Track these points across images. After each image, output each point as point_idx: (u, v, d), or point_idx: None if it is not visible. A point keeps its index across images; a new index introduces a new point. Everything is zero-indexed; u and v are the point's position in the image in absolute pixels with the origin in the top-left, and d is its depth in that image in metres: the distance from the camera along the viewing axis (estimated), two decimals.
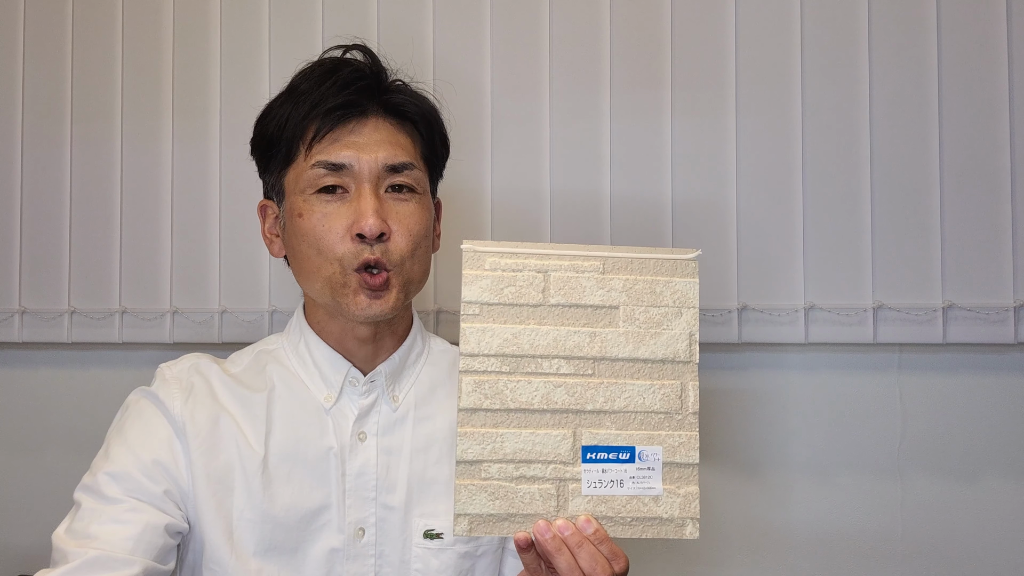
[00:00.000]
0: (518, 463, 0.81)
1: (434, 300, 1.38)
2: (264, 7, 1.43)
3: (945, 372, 1.29)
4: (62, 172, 1.47)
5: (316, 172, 0.94)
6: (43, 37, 1.49)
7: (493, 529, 0.80)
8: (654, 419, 0.83)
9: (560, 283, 0.84)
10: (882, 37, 1.29)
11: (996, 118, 1.26)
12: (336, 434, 0.97)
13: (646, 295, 0.85)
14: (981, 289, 1.26)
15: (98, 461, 0.93)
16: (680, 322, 0.85)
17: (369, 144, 0.94)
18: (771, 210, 1.31)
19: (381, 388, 1.00)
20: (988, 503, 1.28)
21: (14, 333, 1.47)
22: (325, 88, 0.95)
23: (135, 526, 0.87)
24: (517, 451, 0.81)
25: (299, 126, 0.95)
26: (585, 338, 0.83)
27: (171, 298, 1.44)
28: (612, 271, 0.85)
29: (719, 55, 1.33)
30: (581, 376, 0.83)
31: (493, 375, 0.82)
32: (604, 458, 0.82)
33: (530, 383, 0.82)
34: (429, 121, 1.01)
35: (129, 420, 0.96)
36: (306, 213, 0.94)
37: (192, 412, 0.95)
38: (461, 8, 1.38)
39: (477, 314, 0.82)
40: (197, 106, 1.44)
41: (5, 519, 1.50)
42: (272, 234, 1.02)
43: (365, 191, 0.93)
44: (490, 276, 0.83)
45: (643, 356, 0.84)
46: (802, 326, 1.29)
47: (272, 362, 1.02)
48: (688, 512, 0.82)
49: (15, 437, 1.50)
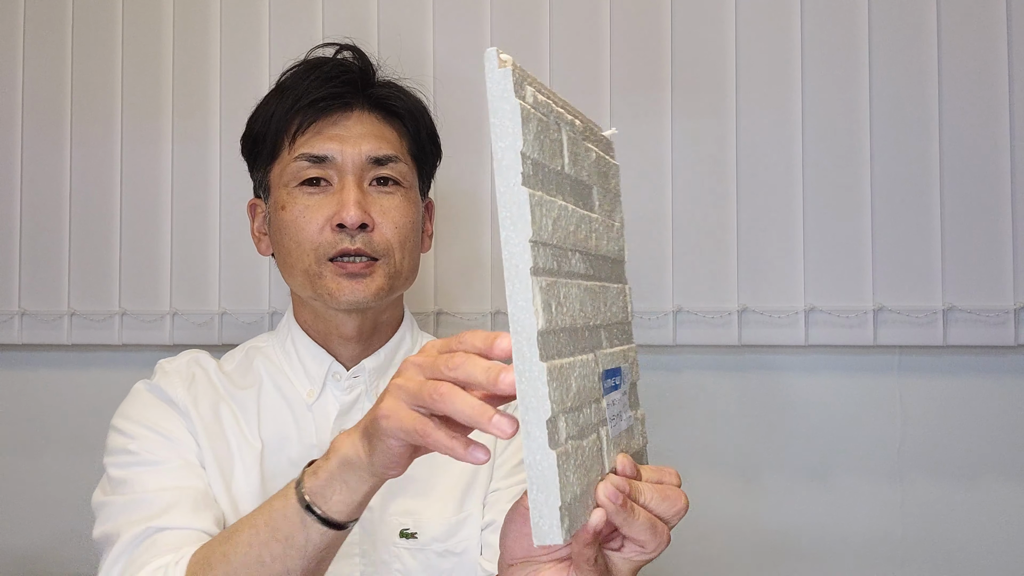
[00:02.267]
0: (576, 410, 0.54)
1: (434, 301, 1.38)
2: (264, 8, 1.43)
3: (945, 374, 1.29)
4: (62, 174, 1.47)
5: (299, 165, 0.93)
6: (43, 38, 1.49)
7: (579, 517, 0.53)
8: (619, 331, 0.66)
9: (571, 145, 0.60)
10: (882, 39, 1.29)
11: (996, 120, 1.26)
12: (317, 431, 0.95)
13: (601, 176, 0.67)
14: (981, 291, 1.26)
15: (114, 443, 0.91)
16: (618, 214, 0.71)
17: (353, 136, 0.93)
18: (771, 212, 1.31)
19: (365, 384, 0.97)
20: (988, 505, 1.28)
21: (14, 335, 1.47)
22: (309, 82, 0.95)
23: (185, 472, 0.88)
24: (578, 391, 0.54)
25: (283, 120, 0.95)
26: (585, 224, 0.60)
27: (171, 300, 1.43)
28: (589, 137, 0.65)
29: (719, 56, 1.32)
30: (590, 278, 0.60)
31: (552, 278, 0.53)
32: (611, 386, 0.61)
33: (569, 288, 0.55)
34: (416, 116, 0.99)
35: (136, 407, 0.94)
36: (288, 205, 0.93)
37: (195, 398, 0.95)
38: (461, 9, 1.38)
39: (532, 174, 0.52)
40: (197, 108, 1.44)
41: (5, 521, 1.50)
42: (260, 232, 1.01)
43: (348, 183, 0.92)
44: (536, 118, 0.53)
45: (610, 253, 0.66)
46: (802, 328, 1.28)
47: (260, 357, 1.01)
48: (645, 438, 0.68)
49: (15, 439, 1.50)
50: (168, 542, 0.81)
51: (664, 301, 1.32)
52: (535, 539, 0.50)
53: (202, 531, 0.83)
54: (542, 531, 0.49)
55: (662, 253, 1.33)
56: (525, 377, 0.50)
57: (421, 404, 0.58)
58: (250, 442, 0.94)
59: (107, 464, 0.91)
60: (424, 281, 1.37)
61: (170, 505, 0.84)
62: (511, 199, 0.50)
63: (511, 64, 0.50)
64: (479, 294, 1.36)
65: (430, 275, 1.38)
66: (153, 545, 0.81)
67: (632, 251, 1.32)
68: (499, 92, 0.50)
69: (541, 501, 0.49)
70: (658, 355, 1.34)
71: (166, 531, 0.82)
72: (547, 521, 0.49)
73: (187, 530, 0.83)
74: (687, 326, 1.31)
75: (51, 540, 1.47)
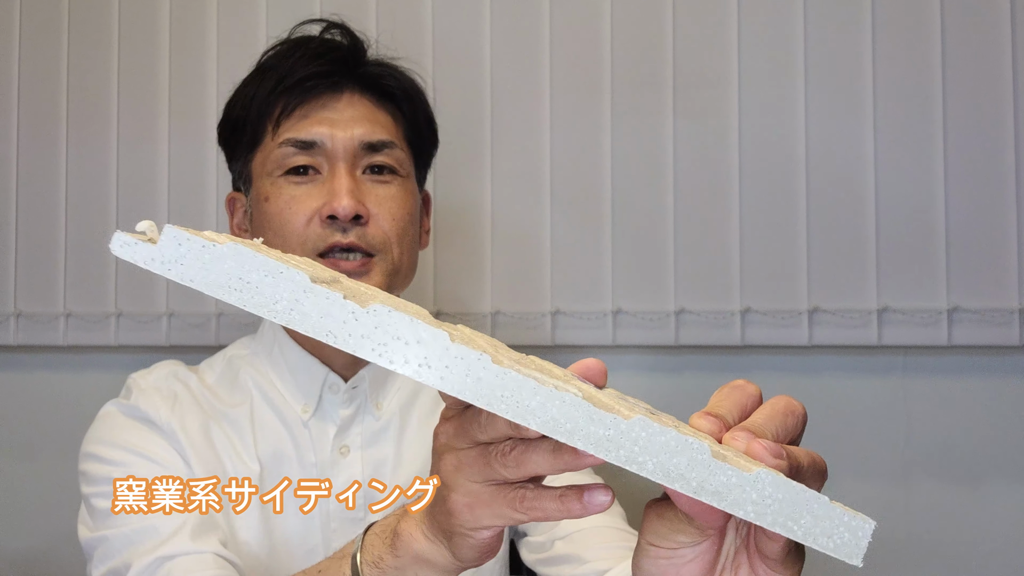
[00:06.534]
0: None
1: (434, 301, 1.37)
2: (261, 6, 1.42)
3: (950, 375, 1.28)
4: (57, 174, 1.46)
5: (284, 151, 0.84)
6: (39, 39, 1.48)
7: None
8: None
9: None
10: (885, 38, 1.28)
11: (1001, 120, 1.25)
12: (315, 450, 0.86)
13: None
14: (986, 291, 1.25)
15: (95, 471, 0.83)
16: None
17: (343, 120, 0.84)
18: (773, 212, 1.30)
19: (364, 395, 0.88)
20: (993, 506, 1.27)
21: (9, 336, 1.46)
22: (294, 60, 0.86)
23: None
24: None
25: (265, 102, 0.85)
26: None
27: (167, 301, 1.42)
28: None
29: (720, 56, 1.31)
30: None
31: None
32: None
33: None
34: (412, 98, 0.91)
35: (112, 431, 0.85)
36: (272, 196, 0.84)
37: (181, 420, 0.85)
38: (460, 10, 1.37)
39: None
40: (193, 108, 1.43)
41: (1, 522, 1.49)
42: (241, 229, 0.92)
43: (339, 170, 0.83)
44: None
45: None
46: (806, 328, 1.27)
47: (246, 368, 0.90)
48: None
49: (10, 440, 1.49)
50: (182, 568, 0.75)
51: (666, 302, 1.31)
52: (852, 560, 0.41)
53: (213, 553, 0.77)
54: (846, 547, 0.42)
55: (663, 253, 1.31)
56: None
57: (492, 477, 0.46)
58: (247, 464, 0.85)
59: (89, 496, 0.83)
60: (423, 281, 1.36)
61: (176, 530, 0.77)
62: None
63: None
64: (479, 294, 1.35)
65: (429, 274, 1.36)
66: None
67: (633, 251, 1.32)
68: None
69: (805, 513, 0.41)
70: (660, 356, 1.33)
71: (177, 558, 0.75)
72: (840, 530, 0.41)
73: (197, 554, 0.76)
74: (689, 326, 1.30)
75: (47, 541, 1.46)
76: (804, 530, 0.41)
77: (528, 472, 0.45)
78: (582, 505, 0.45)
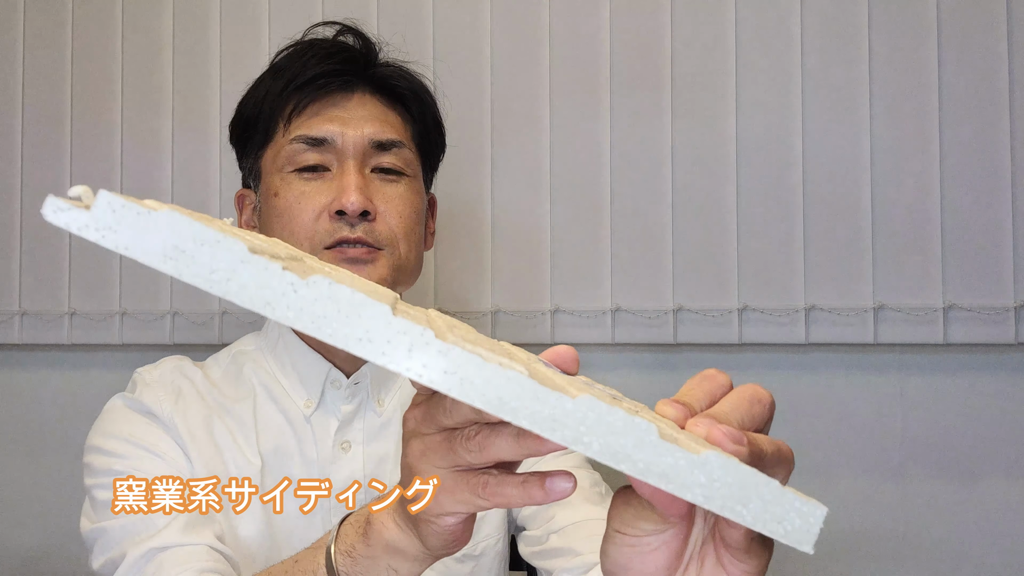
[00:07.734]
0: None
1: (435, 300, 1.38)
2: (264, 9, 1.43)
3: (946, 372, 1.29)
4: (62, 172, 1.47)
5: (295, 148, 0.85)
6: (43, 37, 1.49)
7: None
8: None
9: None
10: (882, 38, 1.29)
11: (996, 118, 1.26)
12: (317, 446, 0.87)
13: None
14: (982, 289, 1.26)
15: (97, 463, 0.84)
16: None
17: (354, 119, 0.86)
18: (771, 211, 1.31)
19: (366, 391, 0.89)
20: (989, 503, 1.28)
21: (14, 334, 1.47)
22: (306, 59, 0.87)
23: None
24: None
25: (278, 100, 0.87)
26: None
27: (171, 299, 1.43)
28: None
29: (719, 56, 1.32)
30: None
31: None
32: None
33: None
34: (422, 100, 0.92)
35: (116, 424, 0.86)
36: (282, 191, 0.85)
37: (184, 414, 0.86)
38: (460, 10, 1.38)
39: None
40: (197, 106, 1.44)
41: (4, 520, 1.50)
42: (249, 226, 0.93)
43: (349, 167, 0.84)
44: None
45: None
46: (803, 327, 1.28)
47: (250, 364, 0.91)
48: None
49: (14, 439, 1.50)
50: (173, 560, 0.75)
51: (665, 300, 1.32)
52: (802, 546, 0.41)
53: (206, 546, 0.77)
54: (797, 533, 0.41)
55: (662, 252, 1.32)
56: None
57: (456, 463, 0.46)
58: (248, 459, 0.85)
59: (91, 487, 0.84)
60: (424, 279, 1.37)
61: (169, 522, 0.77)
62: None
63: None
64: (479, 293, 1.36)
65: (430, 273, 1.37)
66: (160, 568, 0.75)
67: (632, 250, 1.33)
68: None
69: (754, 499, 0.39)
70: (659, 354, 1.34)
71: (169, 550, 0.76)
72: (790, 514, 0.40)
73: (189, 547, 0.76)
74: (687, 325, 1.31)
75: (51, 539, 1.47)
76: (753, 515, 0.39)
77: (492, 457, 0.45)
78: (544, 492, 0.45)
